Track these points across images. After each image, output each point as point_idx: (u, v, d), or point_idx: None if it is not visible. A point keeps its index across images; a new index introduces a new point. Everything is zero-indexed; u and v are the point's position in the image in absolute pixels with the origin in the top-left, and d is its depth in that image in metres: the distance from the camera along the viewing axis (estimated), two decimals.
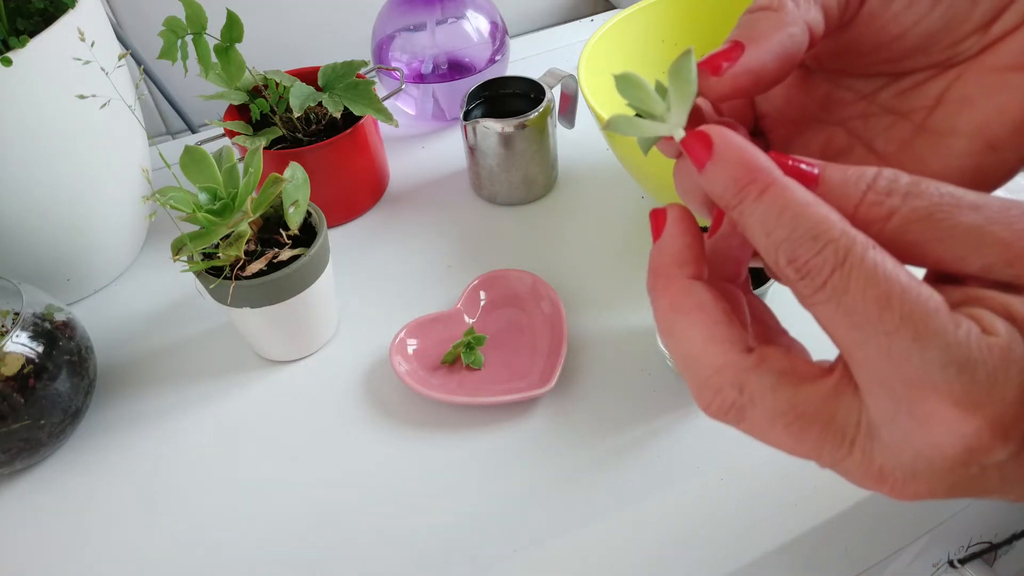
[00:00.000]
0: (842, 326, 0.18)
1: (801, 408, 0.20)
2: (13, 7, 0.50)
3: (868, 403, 0.19)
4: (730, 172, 0.20)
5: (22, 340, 0.46)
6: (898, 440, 0.18)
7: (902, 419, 0.18)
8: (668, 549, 0.42)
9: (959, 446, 0.18)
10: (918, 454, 0.18)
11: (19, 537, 0.46)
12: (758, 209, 0.20)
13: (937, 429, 0.18)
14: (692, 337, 0.21)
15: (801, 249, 0.19)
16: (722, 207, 0.21)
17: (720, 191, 0.21)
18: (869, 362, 0.18)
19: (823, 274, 0.18)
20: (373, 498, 0.46)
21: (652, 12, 0.63)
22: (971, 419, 0.17)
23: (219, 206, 0.46)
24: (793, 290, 0.20)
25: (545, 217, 0.64)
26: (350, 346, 0.55)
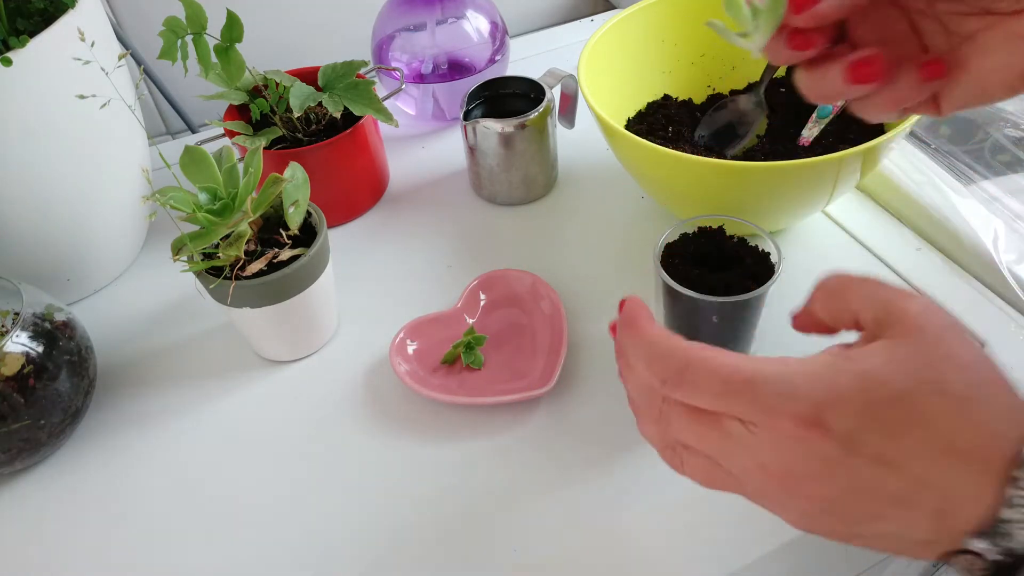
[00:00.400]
0: (706, 400, 0.30)
1: (702, 413, 0.30)
2: (13, 7, 0.50)
3: (745, 424, 0.29)
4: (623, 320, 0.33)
5: (22, 340, 0.46)
6: (764, 445, 0.28)
7: (762, 431, 0.28)
8: (668, 549, 0.42)
9: (788, 433, 0.28)
10: (776, 453, 0.28)
11: (19, 537, 0.46)
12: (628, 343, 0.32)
13: (775, 430, 0.28)
14: (653, 335, 0.32)
15: (656, 364, 0.31)
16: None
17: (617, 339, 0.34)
18: (732, 411, 0.29)
19: (683, 381, 0.30)
20: (373, 497, 0.46)
21: (652, 12, 0.62)
22: (785, 419, 0.28)
23: (219, 206, 0.46)
24: (675, 395, 0.31)
25: (545, 217, 0.64)
26: (350, 346, 0.55)
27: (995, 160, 0.59)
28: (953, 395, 0.27)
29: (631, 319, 0.33)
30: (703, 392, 0.29)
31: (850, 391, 0.27)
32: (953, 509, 0.27)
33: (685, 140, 0.62)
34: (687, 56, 0.66)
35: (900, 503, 0.27)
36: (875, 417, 0.27)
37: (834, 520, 0.29)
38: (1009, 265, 0.52)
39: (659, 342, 0.31)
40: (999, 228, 0.53)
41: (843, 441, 0.27)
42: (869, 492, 0.28)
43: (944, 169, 0.58)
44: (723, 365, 0.29)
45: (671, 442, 0.33)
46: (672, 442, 0.33)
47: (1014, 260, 0.52)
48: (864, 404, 0.27)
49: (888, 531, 0.28)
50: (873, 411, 0.27)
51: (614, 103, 0.60)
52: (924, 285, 0.54)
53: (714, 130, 0.62)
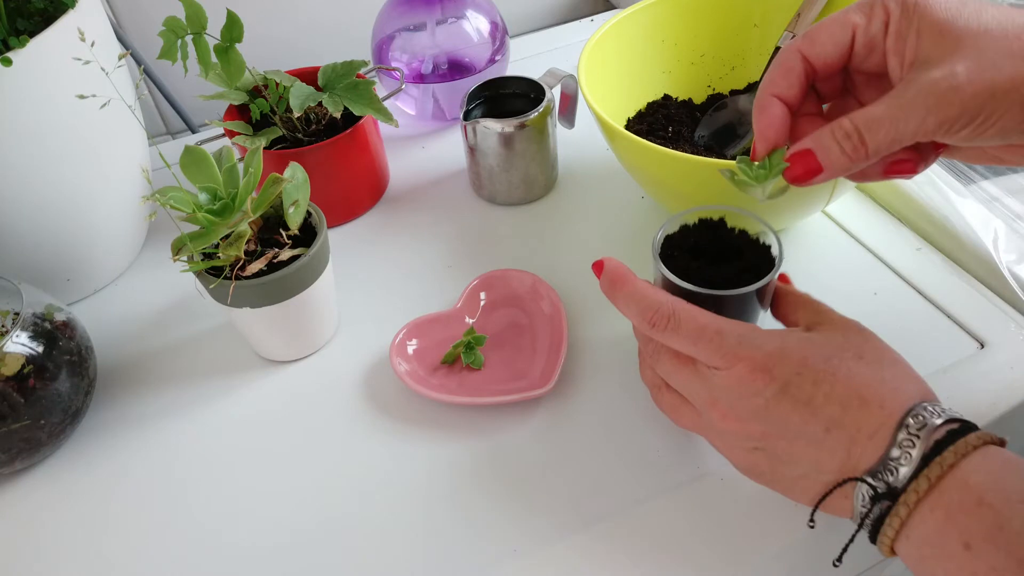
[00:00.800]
0: (684, 345, 0.38)
1: (682, 354, 0.39)
2: (13, 7, 0.50)
3: (711, 369, 0.37)
4: (607, 278, 0.41)
5: (22, 340, 0.46)
6: (720, 383, 0.36)
7: (720, 373, 0.36)
8: (668, 550, 0.42)
9: (740, 374, 0.36)
10: (728, 390, 0.36)
11: (19, 537, 0.46)
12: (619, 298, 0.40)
13: (731, 371, 0.36)
14: (643, 287, 0.40)
15: (648, 312, 0.38)
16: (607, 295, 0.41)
17: (604, 291, 0.41)
18: (700, 355, 0.37)
19: (667, 324, 0.38)
20: (373, 498, 0.46)
21: (652, 12, 0.62)
22: (743, 363, 0.36)
23: (219, 206, 0.46)
24: (655, 337, 0.39)
25: (545, 217, 0.64)
26: (350, 346, 0.55)
27: None
28: (866, 360, 0.35)
29: (618, 277, 0.40)
30: (682, 337, 0.37)
31: (793, 350, 0.35)
32: (855, 448, 0.34)
33: (685, 140, 0.62)
34: (687, 56, 0.66)
35: (816, 443, 0.34)
36: (808, 369, 0.35)
37: (763, 458, 0.37)
38: (1009, 265, 0.52)
39: (648, 295, 0.39)
40: (999, 228, 0.53)
41: (781, 385, 0.35)
42: (793, 431, 0.35)
43: (944, 169, 0.58)
44: (701, 315, 0.37)
45: (658, 382, 0.42)
46: (659, 382, 0.42)
47: (1014, 260, 0.52)
48: (801, 359, 0.35)
49: (803, 472, 0.35)
50: (807, 365, 0.35)
51: (614, 103, 0.60)
52: (924, 285, 0.54)
53: (714, 130, 0.62)
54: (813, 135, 0.35)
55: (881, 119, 0.33)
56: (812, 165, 0.35)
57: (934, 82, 0.32)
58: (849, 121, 0.34)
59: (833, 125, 0.34)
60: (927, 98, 0.32)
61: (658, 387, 0.42)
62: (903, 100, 0.33)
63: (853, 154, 0.34)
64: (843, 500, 0.35)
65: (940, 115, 0.32)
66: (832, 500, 0.35)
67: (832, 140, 0.34)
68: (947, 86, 0.32)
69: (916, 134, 0.33)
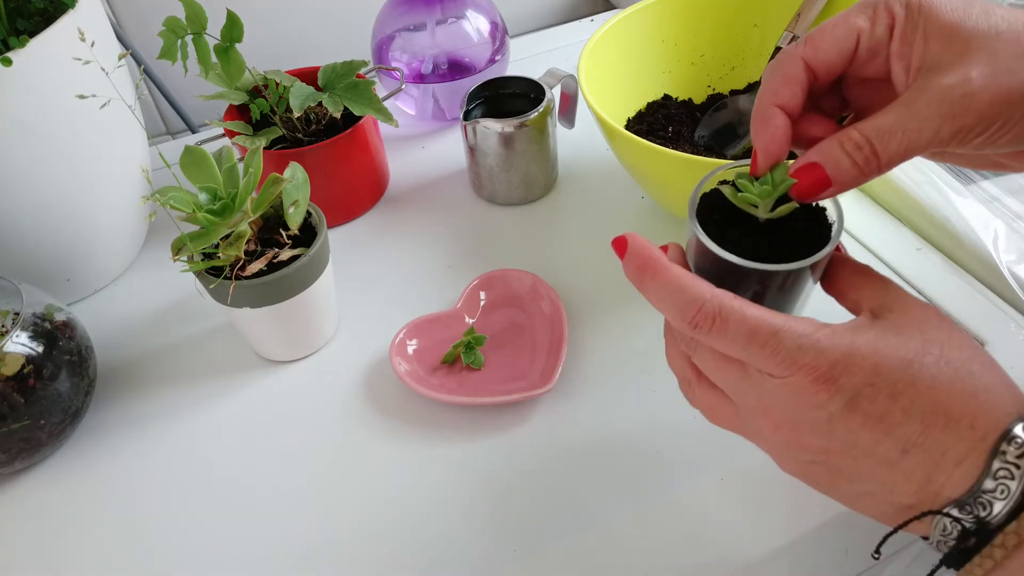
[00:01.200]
0: (732, 349, 0.31)
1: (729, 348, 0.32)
2: (13, 7, 0.50)
3: (764, 375, 0.31)
4: (633, 263, 0.34)
5: (22, 340, 0.46)
6: (774, 392, 0.31)
7: (776, 380, 0.31)
8: (668, 549, 0.42)
9: (801, 386, 0.30)
10: (784, 401, 0.31)
11: (19, 537, 0.46)
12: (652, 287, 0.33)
13: (789, 381, 0.30)
14: (676, 291, 0.32)
15: (688, 310, 0.32)
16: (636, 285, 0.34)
17: (631, 278, 0.34)
18: (752, 360, 0.31)
19: (712, 326, 0.31)
20: (373, 498, 0.46)
21: (652, 12, 0.62)
22: (802, 372, 0.30)
23: (219, 206, 0.46)
24: (699, 341, 0.33)
25: (545, 217, 0.64)
26: (350, 346, 0.55)
27: None
28: (953, 367, 0.30)
29: (648, 262, 0.33)
30: (730, 340, 0.31)
31: (864, 355, 0.30)
32: (938, 474, 0.29)
33: (685, 140, 0.62)
34: (687, 56, 0.66)
35: (889, 464, 0.30)
36: (882, 379, 0.29)
37: (821, 471, 0.32)
38: (1009, 265, 0.52)
39: (688, 287, 0.32)
40: (999, 228, 0.53)
41: (850, 398, 0.29)
42: (862, 449, 0.30)
43: (944, 169, 0.58)
44: (752, 316, 0.31)
45: (689, 375, 0.36)
46: (690, 374, 0.36)
47: (1014, 260, 0.52)
48: (873, 366, 0.29)
49: (870, 490, 0.31)
50: (880, 373, 0.29)
51: (614, 103, 0.60)
52: (924, 285, 0.54)
53: (714, 130, 0.62)
54: (818, 147, 0.32)
55: (893, 129, 0.31)
56: (820, 179, 0.32)
57: (947, 89, 0.30)
58: (858, 132, 0.31)
59: (841, 136, 0.32)
60: (941, 106, 0.30)
61: (688, 380, 0.36)
62: (915, 108, 0.31)
63: (865, 167, 0.31)
64: (917, 524, 0.30)
65: (956, 124, 0.30)
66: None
67: (841, 152, 0.32)
68: (961, 93, 0.30)
69: (930, 144, 0.31)
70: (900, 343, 0.30)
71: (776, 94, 0.34)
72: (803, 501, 0.43)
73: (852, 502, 0.32)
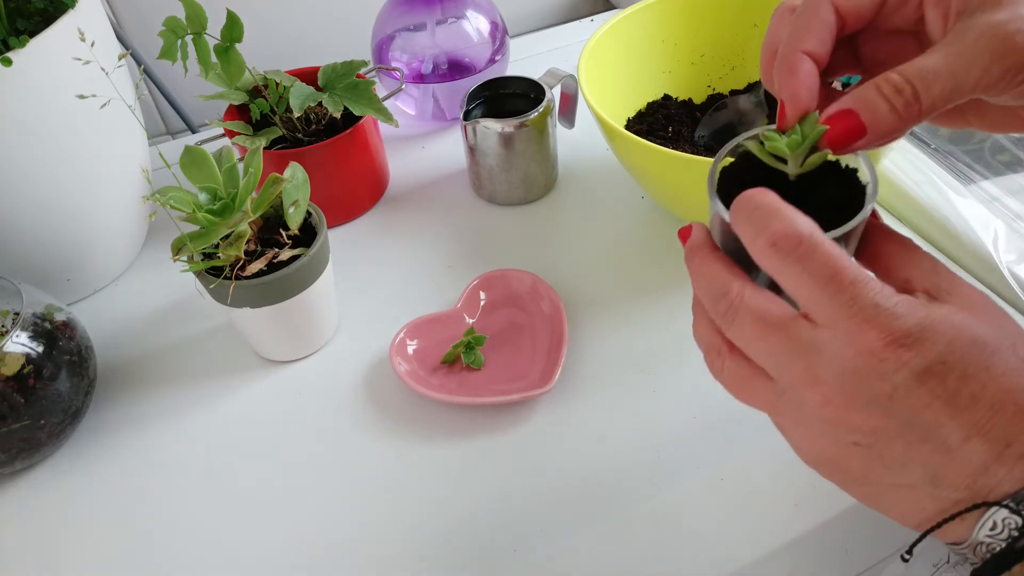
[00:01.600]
0: (807, 284, 0.28)
1: (771, 315, 0.29)
2: (13, 7, 0.50)
3: (818, 328, 0.28)
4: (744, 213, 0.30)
5: (22, 340, 0.46)
6: (833, 353, 0.27)
7: (840, 337, 0.27)
8: (668, 549, 0.42)
9: (869, 348, 0.27)
10: (844, 364, 0.27)
11: (19, 537, 0.46)
12: (744, 210, 0.29)
13: (858, 339, 0.27)
14: (713, 266, 0.31)
15: (777, 231, 0.28)
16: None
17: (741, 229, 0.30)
18: (821, 306, 0.27)
19: (795, 249, 0.27)
20: (373, 498, 0.46)
21: (652, 12, 0.63)
22: (875, 332, 0.27)
23: (219, 206, 0.46)
24: (774, 265, 0.28)
25: (545, 217, 0.64)
26: (350, 346, 0.55)
27: (995, 160, 0.59)
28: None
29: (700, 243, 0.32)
30: (810, 275, 0.27)
31: (939, 330, 0.27)
32: (998, 466, 0.27)
33: (685, 140, 0.62)
34: (687, 56, 0.66)
35: (945, 451, 0.27)
36: (955, 357, 0.27)
37: (861, 457, 0.29)
38: (1009, 265, 0.52)
39: (782, 208, 0.29)
40: (999, 228, 0.53)
41: (920, 372, 0.27)
42: (919, 432, 0.27)
43: (944, 169, 0.58)
44: (839, 256, 0.28)
45: (719, 345, 0.32)
46: (720, 346, 0.32)
47: (1014, 260, 0.52)
48: (948, 343, 0.27)
49: (911, 482, 0.28)
50: (955, 352, 0.27)
51: (614, 103, 0.60)
52: None
53: (714, 130, 0.62)
54: (854, 92, 0.30)
55: (937, 70, 0.28)
56: (855, 127, 0.29)
57: (999, 24, 0.28)
58: (898, 75, 0.29)
59: (879, 80, 0.29)
60: (991, 42, 0.28)
61: (718, 350, 0.32)
62: (962, 47, 0.28)
63: (905, 112, 0.29)
64: (957, 523, 0.28)
65: (1007, 62, 0.28)
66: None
67: (879, 96, 0.29)
68: (1015, 28, 0.28)
69: (977, 86, 0.28)
70: (976, 324, 0.27)
71: (802, 40, 0.31)
72: (803, 501, 0.43)
73: (881, 496, 0.30)
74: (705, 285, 0.31)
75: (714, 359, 0.33)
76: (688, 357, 0.51)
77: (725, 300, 0.31)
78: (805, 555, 0.43)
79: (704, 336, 0.33)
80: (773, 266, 0.28)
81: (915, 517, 0.29)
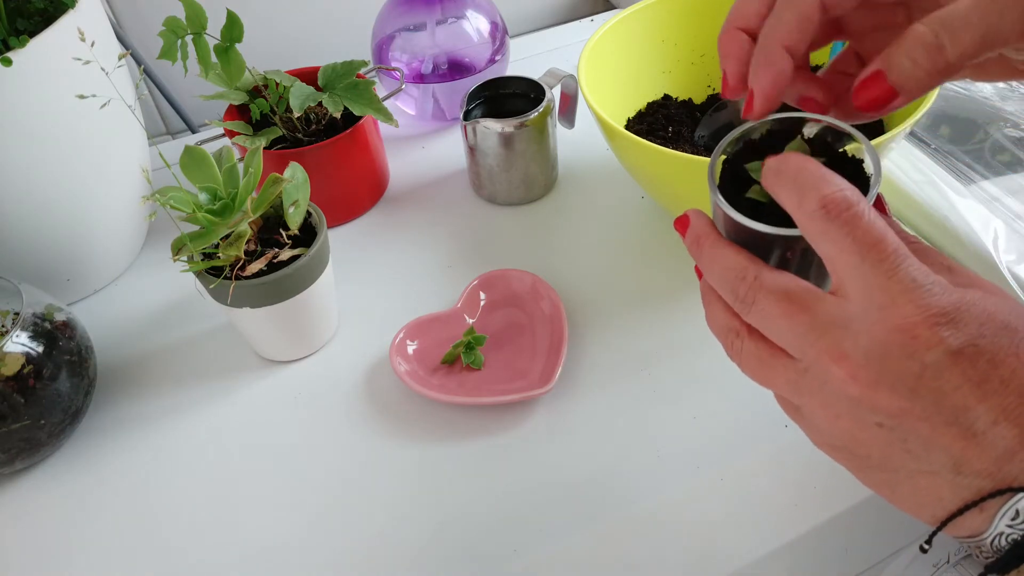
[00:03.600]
0: (848, 250, 0.27)
1: (796, 293, 0.28)
2: (13, 7, 0.50)
3: (849, 302, 0.27)
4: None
5: (22, 340, 0.46)
6: (864, 328, 0.27)
7: (872, 311, 0.26)
8: (668, 549, 0.42)
9: (903, 324, 0.26)
10: (874, 339, 0.26)
11: (19, 537, 0.46)
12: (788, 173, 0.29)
13: (892, 313, 0.26)
14: (727, 252, 0.31)
15: (825, 193, 0.27)
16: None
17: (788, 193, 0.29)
18: (859, 275, 0.27)
19: (843, 213, 0.27)
20: (373, 498, 0.46)
21: (652, 12, 0.62)
22: (911, 307, 0.26)
23: (219, 206, 0.46)
24: (818, 228, 0.27)
25: (545, 217, 0.64)
26: (350, 346, 0.55)
27: (995, 160, 0.59)
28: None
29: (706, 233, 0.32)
30: (854, 240, 0.27)
31: (972, 313, 0.26)
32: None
33: (685, 140, 0.62)
34: (687, 56, 0.66)
35: (970, 436, 0.26)
36: (987, 341, 0.26)
37: (882, 439, 0.28)
38: (1009, 265, 0.52)
39: (824, 174, 0.28)
40: (999, 228, 0.53)
41: (952, 354, 0.26)
42: (946, 416, 0.26)
43: (944, 169, 0.58)
44: (884, 226, 0.27)
45: (737, 327, 0.32)
46: (738, 327, 0.32)
47: (1014, 260, 0.52)
48: (979, 327, 0.26)
49: (932, 468, 0.27)
50: (985, 335, 0.26)
51: (614, 103, 0.60)
52: None
53: (714, 130, 0.62)
54: (882, 55, 0.29)
55: (968, 16, 0.26)
56: (885, 91, 0.28)
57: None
58: (924, 26, 0.27)
59: (904, 36, 0.28)
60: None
61: (736, 331, 0.32)
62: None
63: (931, 65, 0.27)
64: (975, 514, 0.27)
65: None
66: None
67: (903, 55, 0.28)
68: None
69: (1011, 33, 0.27)
70: (1005, 310, 0.27)
71: (783, 34, 0.30)
72: (803, 501, 0.43)
73: (897, 484, 0.29)
74: (720, 271, 0.31)
75: (732, 341, 0.32)
76: (688, 357, 0.51)
77: (744, 283, 0.30)
78: (805, 555, 0.43)
79: (720, 321, 0.33)
80: (817, 229, 0.27)
81: (931, 507, 0.28)
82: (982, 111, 0.62)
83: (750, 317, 0.30)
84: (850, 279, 0.27)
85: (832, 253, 0.27)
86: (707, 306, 0.34)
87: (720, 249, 0.31)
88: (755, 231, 0.30)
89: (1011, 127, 0.60)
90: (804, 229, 0.28)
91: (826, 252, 0.28)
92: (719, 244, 0.31)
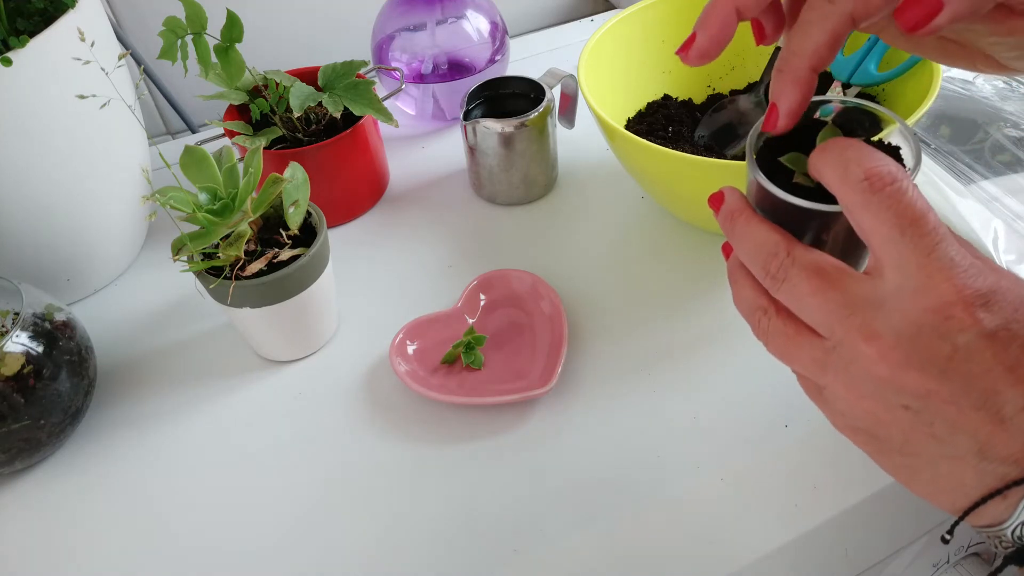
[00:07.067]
0: (889, 223, 0.26)
1: (828, 270, 0.28)
2: (13, 7, 0.50)
3: (883, 281, 0.27)
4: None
5: (22, 340, 0.46)
6: (897, 307, 0.26)
7: (907, 290, 0.26)
8: (668, 549, 0.42)
9: (938, 303, 0.26)
10: (907, 318, 0.26)
11: (19, 537, 0.46)
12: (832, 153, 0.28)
13: (928, 293, 0.26)
14: (761, 228, 0.31)
15: (869, 167, 0.27)
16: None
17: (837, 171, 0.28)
18: (897, 250, 0.26)
19: (887, 186, 0.26)
20: (373, 498, 0.46)
21: (652, 12, 0.62)
22: (948, 286, 0.26)
23: (219, 206, 0.46)
24: (860, 200, 0.27)
25: (545, 217, 0.64)
26: (350, 346, 0.55)
27: (995, 160, 0.59)
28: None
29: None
30: (897, 213, 0.26)
31: (1007, 298, 0.26)
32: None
33: (685, 140, 0.62)
34: None
35: (998, 421, 0.26)
36: (1019, 325, 0.26)
37: (907, 421, 0.28)
38: (1009, 265, 0.52)
39: (868, 150, 0.28)
40: (999, 228, 0.53)
41: (985, 336, 0.26)
42: (974, 399, 0.26)
43: (944, 169, 0.58)
44: (925, 201, 0.27)
45: (765, 305, 0.31)
46: (766, 305, 0.31)
47: (1014, 260, 0.52)
48: (1014, 310, 0.26)
49: (957, 453, 0.27)
50: (1019, 320, 0.26)
51: (614, 103, 0.60)
52: None
53: (714, 130, 0.62)
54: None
55: None
56: (932, 5, 0.26)
57: None
58: None
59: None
60: None
61: (764, 310, 0.32)
62: None
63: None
64: (998, 502, 0.27)
65: None
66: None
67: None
68: None
69: None
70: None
71: (816, 55, 0.29)
72: (803, 501, 0.43)
73: (918, 469, 0.28)
74: (751, 247, 0.31)
75: (760, 318, 0.32)
76: (688, 357, 0.51)
77: (776, 259, 0.30)
78: (805, 555, 0.43)
79: (748, 299, 0.32)
80: (860, 201, 0.27)
81: (951, 494, 0.28)
82: (982, 111, 0.62)
83: (780, 294, 0.30)
84: (887, 254, 0.27)
85: (872, 226, 0.27)
86: (734, 284, 0.33)
87: (754, 225, 0.31)
88: (792, 206, 0.30)
89: (1011, 127, 0.60)
90: (845, 201, 0.28)
91: (866, 225, 0.27)
92: (753, 220, 0.31)
